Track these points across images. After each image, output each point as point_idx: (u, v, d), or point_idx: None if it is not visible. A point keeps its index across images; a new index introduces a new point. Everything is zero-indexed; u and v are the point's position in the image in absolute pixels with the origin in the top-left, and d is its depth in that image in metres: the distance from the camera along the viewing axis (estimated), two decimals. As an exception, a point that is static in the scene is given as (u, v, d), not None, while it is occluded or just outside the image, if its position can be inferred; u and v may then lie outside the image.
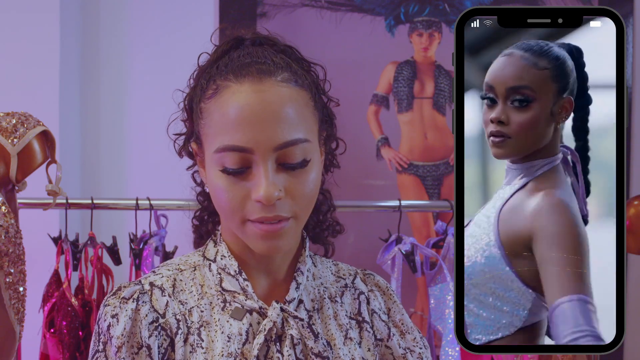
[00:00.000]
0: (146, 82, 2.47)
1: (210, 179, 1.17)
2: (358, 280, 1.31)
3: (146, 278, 1.23)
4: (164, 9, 2.53)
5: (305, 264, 1.26)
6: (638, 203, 1.96)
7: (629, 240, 1.96)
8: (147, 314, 1.18)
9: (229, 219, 1.17)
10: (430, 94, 2.56)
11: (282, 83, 1.15)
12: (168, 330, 1.19)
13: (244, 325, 1.19)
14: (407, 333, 1.29)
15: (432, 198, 2.57)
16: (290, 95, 1.15)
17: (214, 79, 1.18)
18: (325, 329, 1.23)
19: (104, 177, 2.53)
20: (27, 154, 1.57)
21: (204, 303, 1.21)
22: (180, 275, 1.24)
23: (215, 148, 1.14)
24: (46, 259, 2.09)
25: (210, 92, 1.17)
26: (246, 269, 1.24)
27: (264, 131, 1.12)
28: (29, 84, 2.35)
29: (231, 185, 1.14)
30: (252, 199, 1.13)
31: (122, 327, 1.17)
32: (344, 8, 2.55)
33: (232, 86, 1.15)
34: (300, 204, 1.16)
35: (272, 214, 1.13)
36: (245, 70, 1.15)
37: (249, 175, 1.14)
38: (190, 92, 1.24)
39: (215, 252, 1.25)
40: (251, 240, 1.17)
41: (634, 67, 2.55)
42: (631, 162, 2.54)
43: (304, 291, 1.25)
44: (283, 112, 1.13)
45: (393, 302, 1.31)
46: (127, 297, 1.19)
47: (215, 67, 1.20)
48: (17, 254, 1.53)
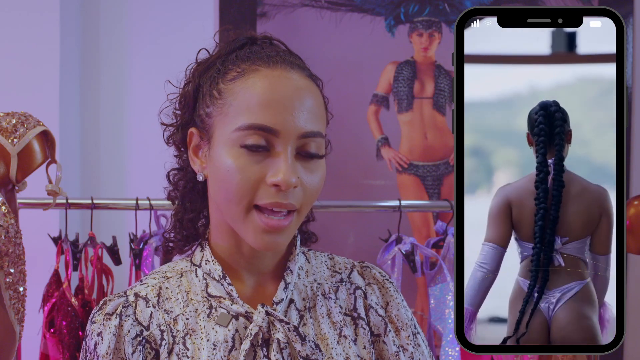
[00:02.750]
0: (146, 82, 2.47)
1: (220, 160, 1.15)
2: (355, 274, 1.28)
3: (132, 288, 1.23)
4: (164, 9, 2.53)
5: (296, 262, 1.24)
6: (638, 203, 1.97)
7: (629, 240, 1.96)
8: (130, 329, 1.18)
9: (233, 205, 1.14)
10: (430, 94, 2.56)
11: (308, 77, 1.19)
12: (152, 342, 1.18)
13: (229, 332, 1.17)
14: (402, 330, 1.26)
15: (432, 198, 2.57)
16: (314, 90, 1.18)
17: (237, 63, 1.18)
18: (318, 328, 1.21)
19: (104, 177, 2.54)
20: (27, 154, 1.57)
21: (189, 310, 1.19)
22: (167, 282, 1.23)
23: (237, 126, 1.13)
24: (46, 259, 2.09)
25: (234, 74, 1.17)
26: (234, 270, 1.22)
27: (292, 116, 1.13)
28: (29, 84, 2.35)
29: (247, 165, 1.13)
30: (268, 182, 1.12)
31: (107, 345, 1.17)
32: (344, 8, 2.55)
33: (262, 70, 1.16)
34: (309, 197, 1.15)
35: (285, 201, 1.12)
36: (274, 59, 1.17)
37: (266, 158, 1.13)
38: (195, 79, 1.22)
39: (200, 257, 1.23)
40: (251, 232, 1.14)
41: (634, 67, 2.56)
42: (631, 162, 2.54)
43: (295, 290, 1.23)
44: (310, 102, 1.16)
45: (390, 295, 1.27)
46: (110, 313, 1.19)
47: (234, 55, 1.20)
48: (17, 254, 1.53)
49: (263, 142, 1.13)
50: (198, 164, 1.21)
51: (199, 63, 1.25)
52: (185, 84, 1.25)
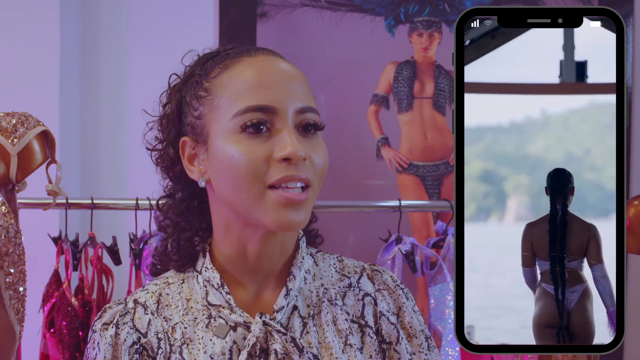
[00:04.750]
0: (146, 82, 2.47)
1: (222, 151, 1.13)
2: (364, 279, 1.25)
3: (132, 295, 1.23)
4: (164, 9, 2.53)
5: (300, 267, 1.21)
6: (638, 203, 1.96)
7: (629, 240, 1.96)
8: (127, 338, 1.18)
9: (244, 192, 1.12)
10: (430, 94, 2.56)
11: (292, 64, 1.20)
12: (149, 350, 1.18)
13: (227, 344, 1.16)
14: (414, 337, 1.23)
15: (432, 198, 2.57)
16: (300, 74, 1.19)
17: (217, 62, 1.18)
18: (322, 336, 1.19)
19: (104, 177, 2.54)
20: (27, 154, 1.56)
21: (187, 319, 1.19)
22: (167, 289, 1.22)
23: (233, 113, 1.13)
24: (46, 259, 2.09)
25: (218, 71, 1.17)
26: (237, 276, 1.20)
27: (286, 93, 1.14)
28: (29, 84, 2.35)
29: (251, 148, 1.12)
30: (276, 158, 1.11)
31: (103, 355, 1.17)
32: (344, 8, 2.55)
33: (245, 59, 1.17)
34: (318, 172, 1.15)
35: (298, 173, 1.11)
36: (255, 49, 1.19)
37: (269, 137, 1.12)
38: (175, 95, 1.21)
39: (202, 264, 1.22)
40: (270, 211, 1.11)
41: (634, 67, 2.56)
42: (631, 162, 2.54)
43: (299, 296, 1.21)
44: (299, 82, 1.16)
45: (403, 302, 1.24)
46: (107, 323, 1.19)
47: (211, 61, 1.20)
48: (17, 254, 1.53)
49: (263, 125, 1.12)
50: (196, 172, 1.19)
51: (173, 84, 1.24)
52: (165, 106, 1.24)
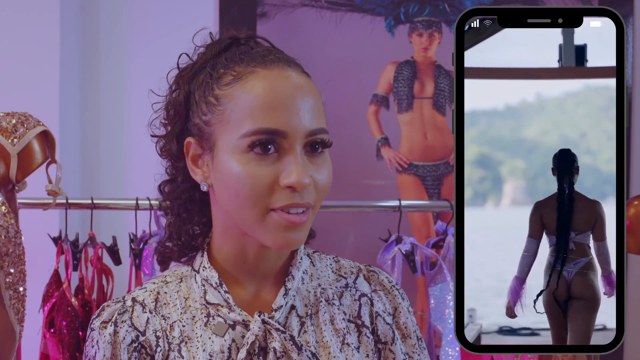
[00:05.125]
0: (146, 82, 2.46)
1: (228, 167, 1.13)
2: (361, 279, 1.26)
3: (130, 294, 1.23)
4: (164, 9, 2.53)
5: (298, 268, 1.22)
6: (638, 203, 1.96)
7: (629, 240, 1.96)
8: (125, 336, 1.18)
9: (247, 210, 1.12)
10: (430, 94, 2.56)
11: (304, 74, 1.18)
12: (148, 348, 1.18)
13: (225, 342, 1.16)
14: (409, 337, 1.24)
15: (432, 198, 2.57)
16: (312, 86, 1.17)
17: (230, 66, 1.16)
18: (320, 335, 1.20)
19: (104, 177, 2.54)
20: (27, 154, 1.56)
21: (186, 317, 1.19)
22: (165, 287, 1.22)
23: (242, 132, 1.11)
24: (46, 259, 2.09)
25: (230, 78, 1.15)
26: (235, 275, 1.21)
27: (297, 116, 1.12)
28: (29, 84, 2.35)
29: (257, 170, 1.11)
30: (282, 184, 1.11)
31: (102, 354, 1.17)
32: (344, 8, 2.55)
33: (259, 72, 1.14)
34: (321, 193, 1.15)
35: (302, 201, 1.11)
36: (269, 58, 1.16)
37: (276, 160, 1.12)
38: (184, 85, 1.20)
39: (199, 263, 1.22)
40: (271, 232, 1.12)
41: (634, 67, 2.56)
42: (631, 162, 2.54)
43: (297, 295, 1.21)
44: (311, 100, 1.14)
45: (399, 302, 1.26)
46: (106, 321, 1.19)
47: (222, 57, 1.18)
48: (17, 254, 1.53)
49: (271, 145, 1.11)
50: (200, 174, 1.18)
51: (183, 69, 1.23)
52: (172, 92, 1.23)
